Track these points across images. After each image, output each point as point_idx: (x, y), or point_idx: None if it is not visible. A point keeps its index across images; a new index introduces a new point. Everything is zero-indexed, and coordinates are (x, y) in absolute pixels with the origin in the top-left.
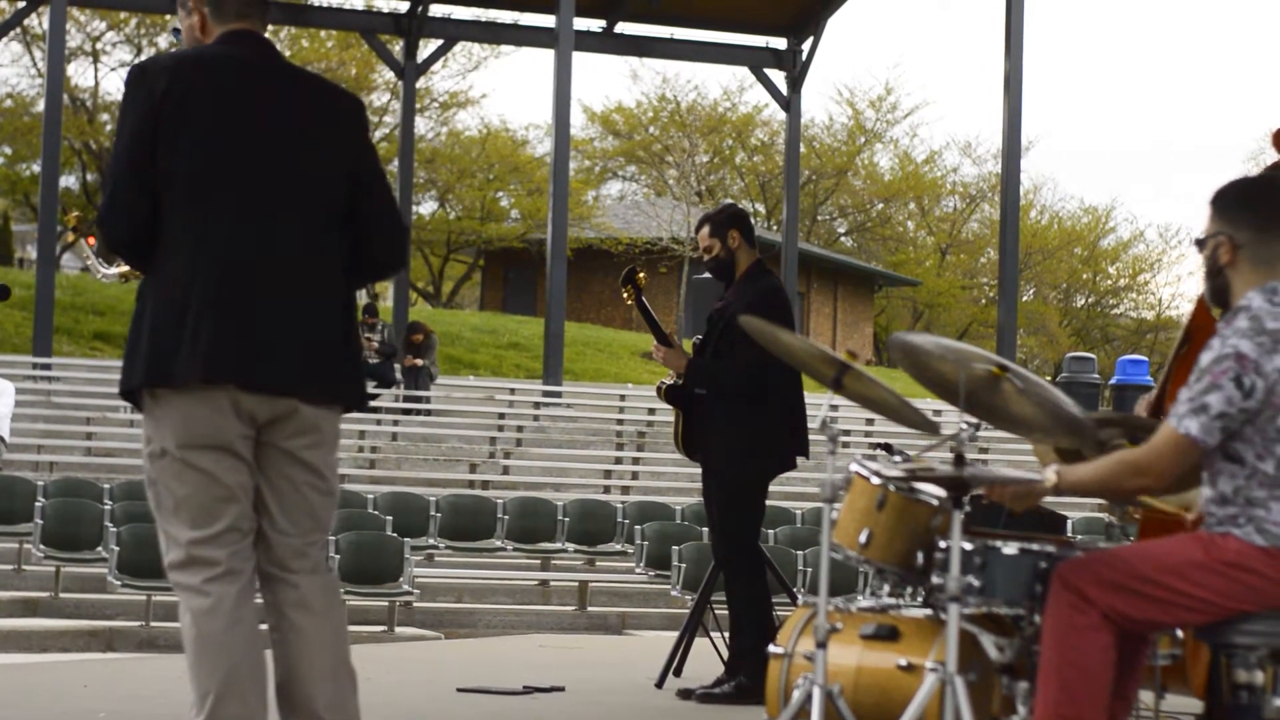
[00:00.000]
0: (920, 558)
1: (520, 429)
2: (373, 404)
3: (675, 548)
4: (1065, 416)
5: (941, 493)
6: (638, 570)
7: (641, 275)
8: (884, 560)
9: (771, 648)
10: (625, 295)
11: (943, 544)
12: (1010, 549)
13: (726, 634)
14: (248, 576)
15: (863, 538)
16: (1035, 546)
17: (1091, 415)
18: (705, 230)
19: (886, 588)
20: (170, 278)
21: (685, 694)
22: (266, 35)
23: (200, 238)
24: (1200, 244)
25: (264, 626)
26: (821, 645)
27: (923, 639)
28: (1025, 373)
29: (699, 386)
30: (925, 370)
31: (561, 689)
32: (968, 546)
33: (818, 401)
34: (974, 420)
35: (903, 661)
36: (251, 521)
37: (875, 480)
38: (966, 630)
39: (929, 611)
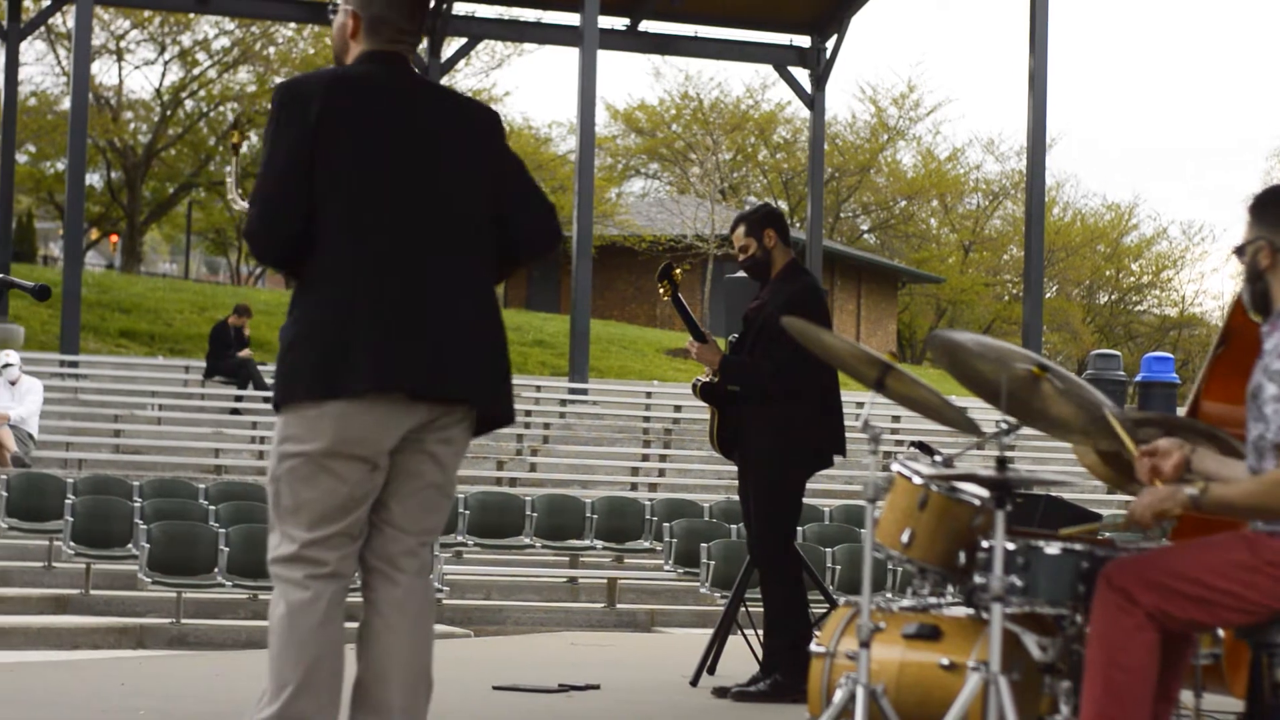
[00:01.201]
0: (962, 557)
1: (547, 426)
2: None
3: (704, 545)
4: (1104, 418)
5: (983, 492)
6: (666, 567)
7: (678, 271)
8: (926, 560)
9: (813, 647)
10: (662, 291)
11: (985, 544)
12: (1053, 549)
13: (760, 632)
14: (348, 581)
15: (905, 537)
16: (1078, 546)
17: (1131, 416)
18: (741, 230)
19: (927, 587)
20: (330, 295)
21: (720, 692)
22: (411, 60)
23: (360, 255)
24: (1240, 250)
25: (351, 626)
26: (865, 645)
27: (965, 638)
28: (1065, 373)
29: (733, 383)
30: (965, 369)
31: (597, 687)
32: (1010, 546)
33: (849, 399)
34: (1012, 420)
35: (945, 661)
36: (364, 528)
37: (917, 480)
38: (1009, 630)
39: (970, 611)
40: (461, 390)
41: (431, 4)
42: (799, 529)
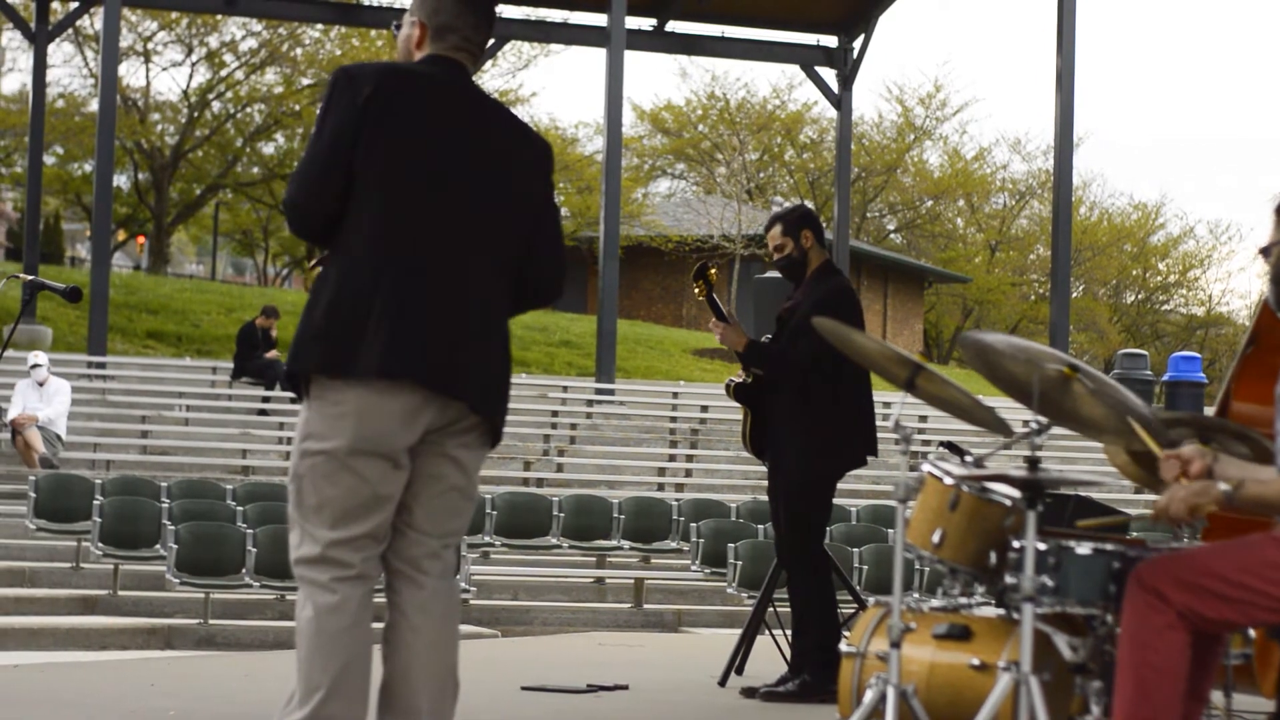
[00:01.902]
0: (993, 558)
1: (574, 427)
2: None
3: (730, 545)
4: (1135, 418)
5: (1014, 493)
6: (693, 567)
7: (714, 270)
8: (957, 560)
9: (844, 647)
10: (697, 290)
11: (1016, 544)
12: (1084, 549)
13: (788, 632)
14: (374, 582)
15: (936, 538)
16: (1109, 546)
17: (1162, 416)
18: (777, 229)
19: (957, 587)
20: (356, 274)
21: (749, 692)
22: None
23: (390, 241)
24: (1265, 252)
25: (376, 626)
26: (895, 645)
27: (995, 639)
28: (1096, 373)
29: (757, 367)
30: (996, 369)
31: (625, 687)
32: (1042, 546)
33: (878, 399)
34: (1042, 420)
35: (976, 661)
36: (388, 531)
37: (948, 480)
38: (1040, 630)
39: (1001, 611)
40: (468, 391)
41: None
42: (827, 529)
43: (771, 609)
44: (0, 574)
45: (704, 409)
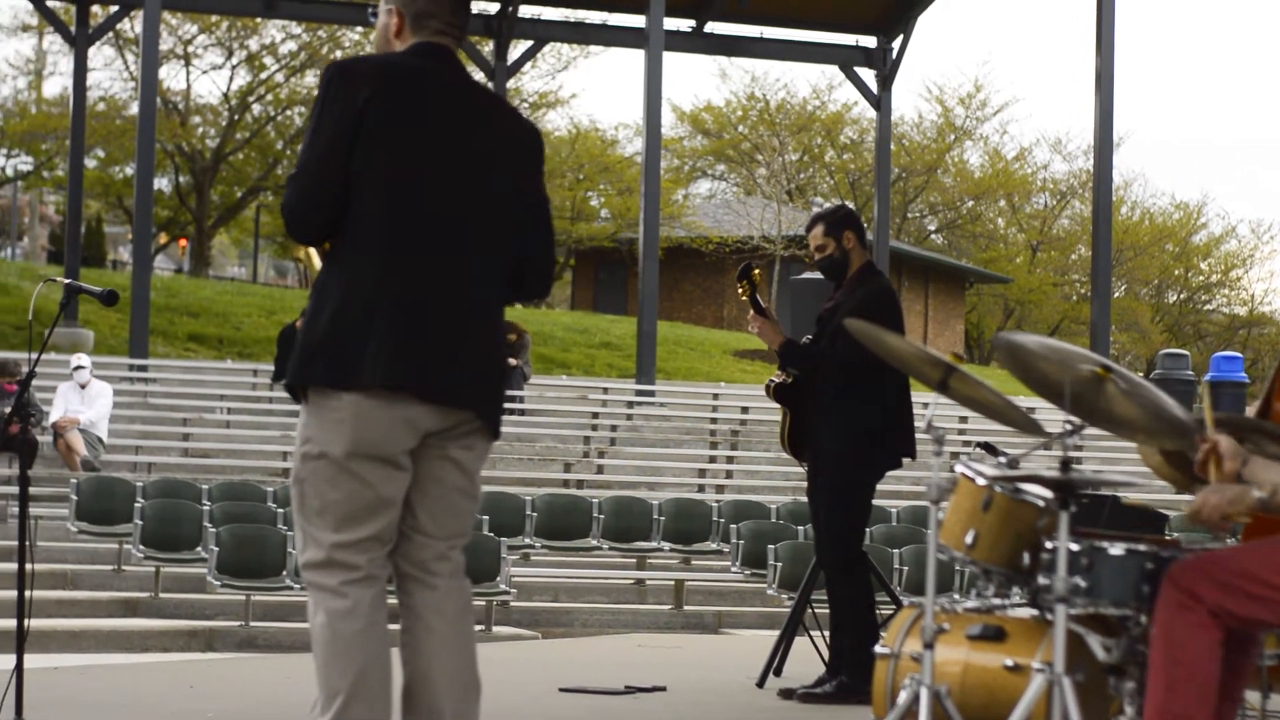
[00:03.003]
0: (1026, 558)
1: (614, 428)
2: None
3: (771, 546)
4: (1169, 418)
5: (1047, 493)
6: (733, 569)
7: (758, 271)
8: (990, 561)
9: (878, 648)
10: (740, 290)
11: (1049, 545)
12: (1117, 549)
13: (827, 633)
14: (383, 582)
15: (969, 538)
16: (1142, 547)
17: (1196, 416)
18: (819, 229)
19: (991, 588)
20: (357, 281)
21: (786, 693)
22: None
23: (391, 248)
24: None
25: (393, 628)
26: (929, 646)
27: (1029, 639)
28: (1129, 374)
29: (794, 365)
30: (1029, 370)
31: (663, 689)
32: (1074, 547)
33: (919, 400)
34: (1077, 421)
35: (1009, 662)
36: (394, 533)
37: (981, 481)
38: (1073, 631)
39: (1035, 612)
40: (469, 399)
41: (499, 7)
42: (867, 530)
43: (810, 610)
44: (42, 576)
45: (744, 410)
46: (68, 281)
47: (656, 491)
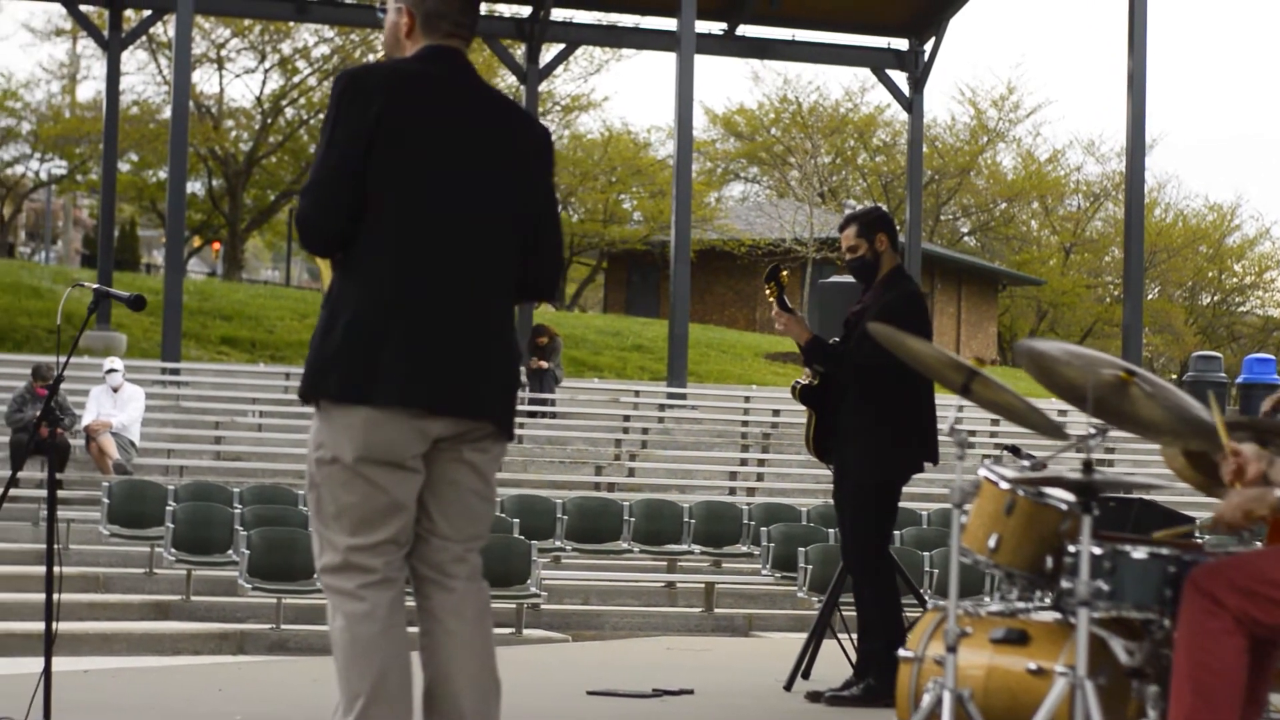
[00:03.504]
0: (1049, 562)
1: (645, 431)
2: None
3: (801, 549)
4: (1193, 420)
5: (1070, 497)
6: (764, 572)
7: (785, 273)
8: (1013, 565)
9: (902, 651)
10: (768, 292)
11: (1072, 548)
12: (1140, 553)
13: (854, 636)
14: (401, 584)
15: (992, 542)
16: (1165, 551)
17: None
18: (852, 230)
19: (1015, 591)
20: (369, 293)
21: (814, 696)
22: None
23: (401, 257)
24: None
25: (413, 630)
26: (952, 649)
27: (1052, 643)
28: (1153, 377)
29: (818, 363)
30: (1052, 376)
31: (690, 692)
32: (1097, 551)
33: (944, 403)
34: (1101, 424)
35: (1032, 665)
36: (409, 535)
37: (1004, 485)
38: (1096, 634)
39: (1058, 615)
40: (482, 408)
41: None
42: (896, 533)
43: (838, 613)
44: (74, 579)
45: (776, 413)
46: (95, 286)
47: (687, 494)
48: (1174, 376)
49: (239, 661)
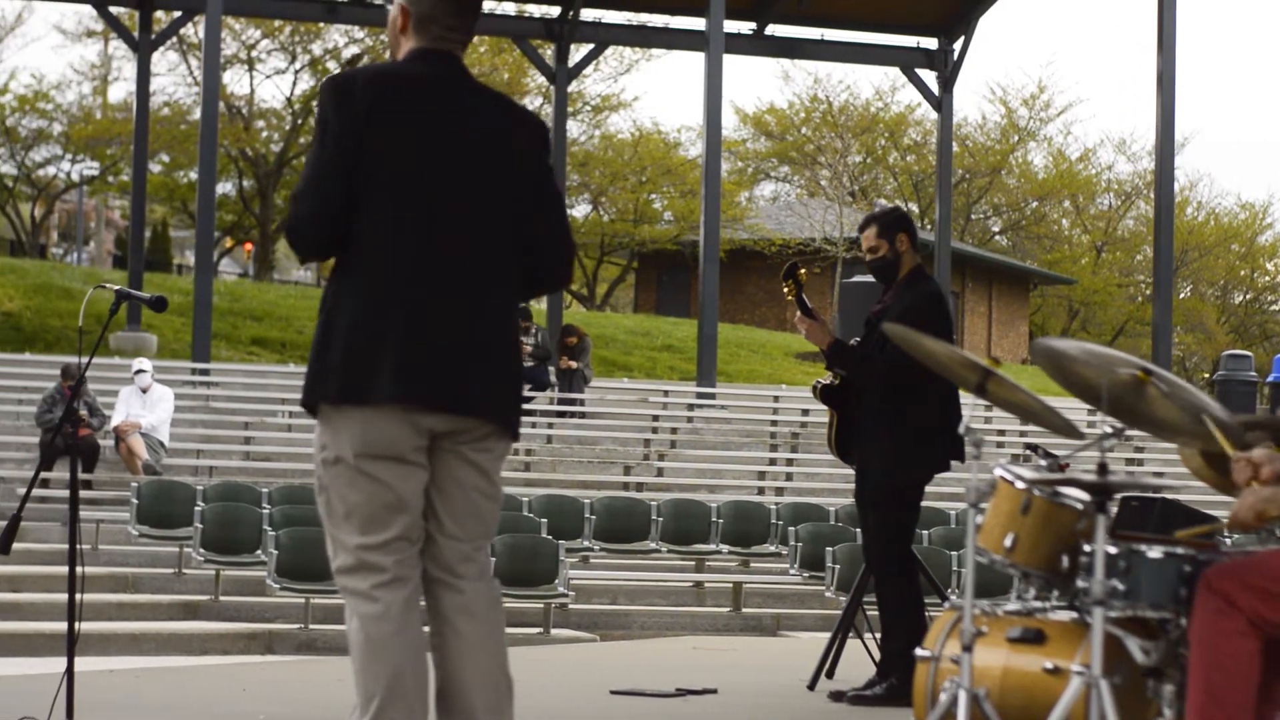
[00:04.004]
0: (1065, 561)
1: (674, 431)
2: (527, 407)
3: (829, 549)
4: (1210, 420)
5: (1086, 496)
6: (792, 571)
7: (803, 271)
8: (1029, 564)
9: (918, 651)
10: (786, 290)
11: (1087, 547)
12: (1155, 552)
13: (878, 636)
14: (414, 583)
15: (1008, 541)
16: (1180, 550)
17: (1237, 418)
18: (872, 230)
19: (1032, 591)
20: (365, 297)
21: (837, 696)
22: (462, 57)
23: (395, 259)
24: None
25: (425, 629)
26: (967, 649)
27: (1069, 642)
28: (1170, 376)
29: (841, 367)
30: (1069, 375)
31: (714, 691)
32: (1112, 550)
33: (969, 402)
34: (1118, 424)
35: (1049, 664)
36: (420, 531)
37: (1020, 484)
38: (1112, 633)
39: (1075, 614)
40: (477, 405)
41: (560, 11)
42: (924, 532)
43: (862, 612)
44: (103, 579)
45: (805, 413)
46: (117, 288)
47: (716, 494)
48: (1206, 375)
49: (266, 661)
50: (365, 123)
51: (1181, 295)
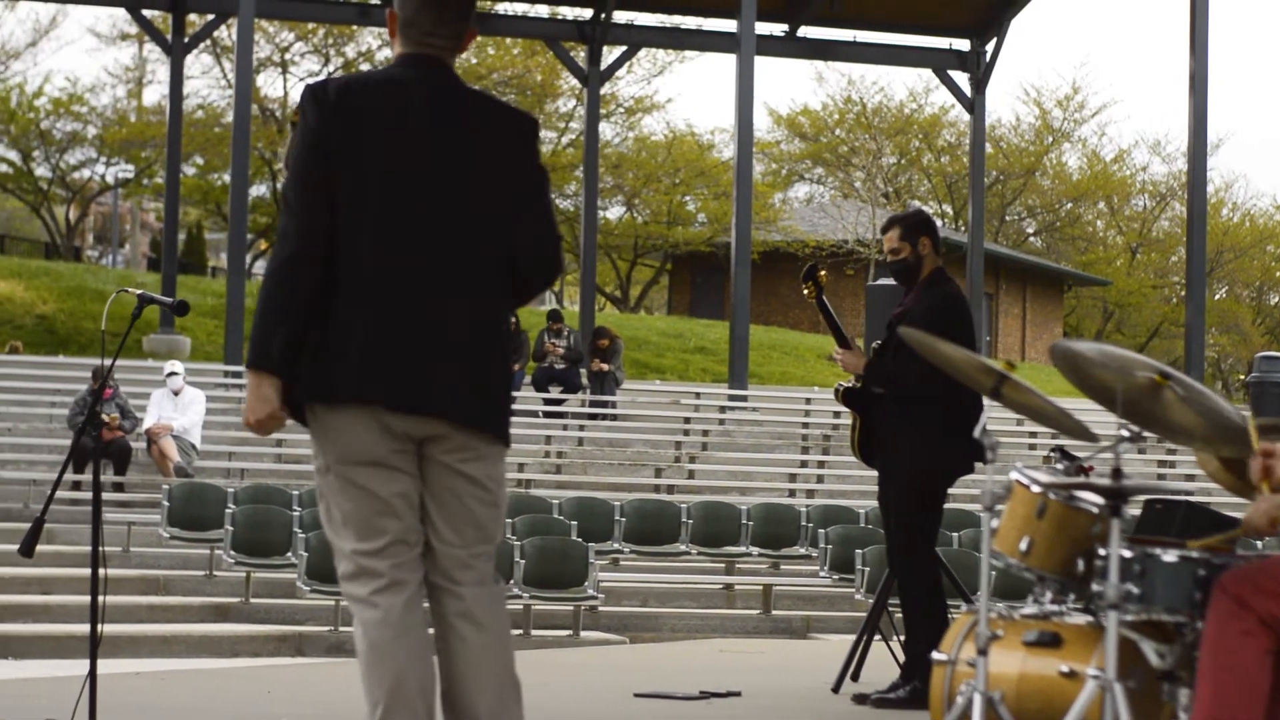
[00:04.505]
0: (1081, 565)
1: (705, 433)
2: (559, 409)
3: (859, 551)
4: (1227, 425)
5: (1101, 500)
6: (822, 574)
7: (823, 273)
8: (1044, 568)
9: (935, 654)
10: (806, 292)
11: (1102, 551)
12: (1170, 556)
13: (903, 638)
14: (414, 587)
15: (1023, 545)
16: (1194, 554)
17: (1258, 421)
18: (895, 232)
19: (1049, 594)
20: (336, 299)
21: (861, 699)
22: (451, 61)
23: (367, 261)
24: None
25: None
26: (983, 652)
27: (1085, 646)
28: (1188, 380)
29: (877, 386)
30: (1085, 377)
31: (738, 694)
32: (1127, 554)
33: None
34: (1135, 428)
35: (1065, 668)
36: (418, 534)
37: (1035, 488)
38: (1127, 637)
39: (1091, 618)
40: (445, 407)
41: (593, 13)
42: (954, 535)
43: (887, 615)
44: (134, 582)
45: (836, 415)
46: (139, 292)
47: (747, 496)
48: (1240, 377)
49: (295, 663)
50: (341, 132)
51: (1217, 296)
